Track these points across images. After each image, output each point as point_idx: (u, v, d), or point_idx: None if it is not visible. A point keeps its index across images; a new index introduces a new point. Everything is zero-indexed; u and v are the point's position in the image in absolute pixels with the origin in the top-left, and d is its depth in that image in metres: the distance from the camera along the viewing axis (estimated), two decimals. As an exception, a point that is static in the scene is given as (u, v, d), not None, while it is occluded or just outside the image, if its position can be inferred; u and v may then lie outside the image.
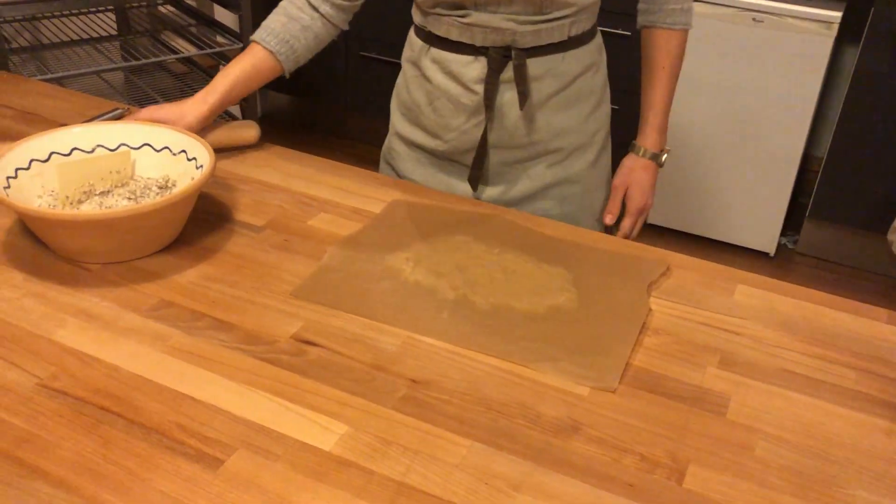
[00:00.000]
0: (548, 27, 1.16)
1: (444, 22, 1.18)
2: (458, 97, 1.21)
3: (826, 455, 0.80)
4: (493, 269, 1.03)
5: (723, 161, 2.66)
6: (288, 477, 0.74)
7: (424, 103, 1.26)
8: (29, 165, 1.06)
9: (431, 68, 1.23)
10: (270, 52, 1.22)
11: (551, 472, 0.76)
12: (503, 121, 1.21)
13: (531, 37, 1.16)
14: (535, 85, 1.19)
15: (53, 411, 0.79)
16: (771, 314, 1.00)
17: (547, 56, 1.18)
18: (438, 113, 1.24)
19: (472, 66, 1.18)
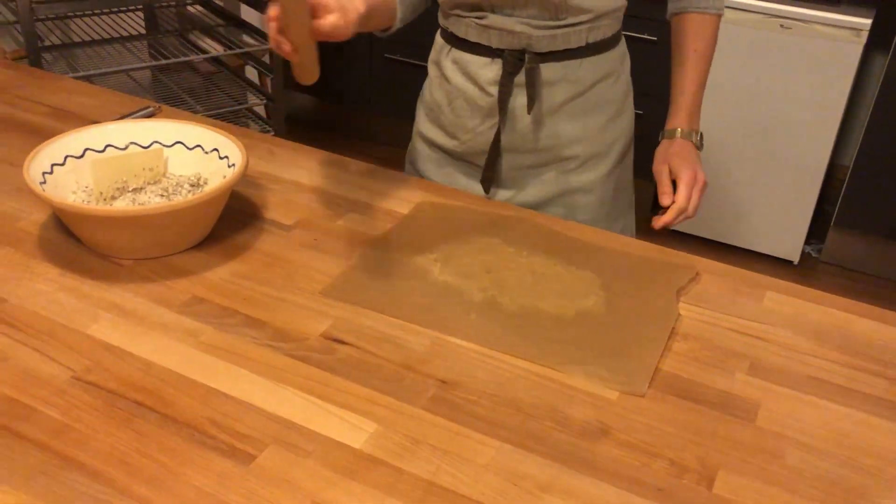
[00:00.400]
0: (564, 32, 1.15)
1: (464, 23, 1.19)
2: (474, 98, 1.21)
3: (857, 464, 0.80)
4: (522, 272, 1.03)
5: (748, 168, 2.64)
6: (319, 474, 0.74)
7: (444, 103, 1.26)
8: (64, 161, 1.08)
9: (451, 69, 1.24)
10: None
11: (580, 474, 0.76)
12: (515, 124, 1.21)
13: (547, 41, 1.15)
14: (548, 90, 1.18)
15: (88, 404, 0.80)
16: (800, 321, 0.99)
17: (562, 62, 1.17)
18: (456, 113, 1.25)
19: (488, 67, 1.19)
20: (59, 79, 1.56)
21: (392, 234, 1.10)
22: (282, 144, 1.34)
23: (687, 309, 1.00)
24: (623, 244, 1.12)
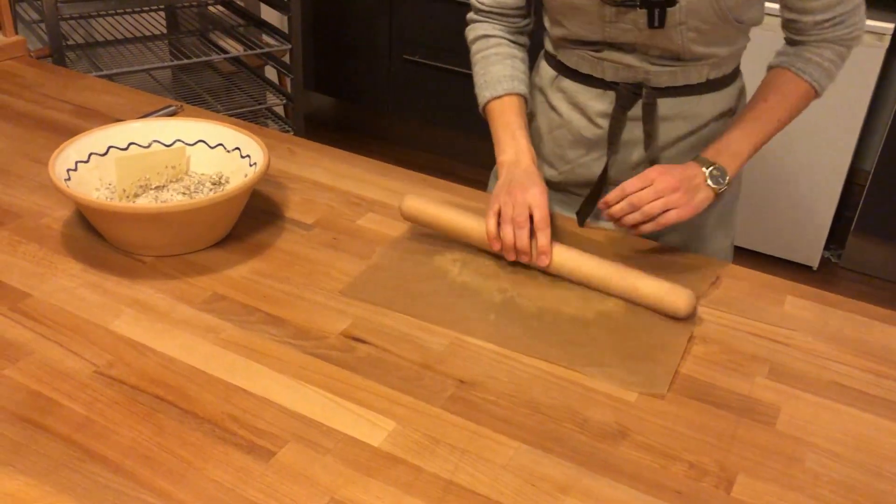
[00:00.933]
0: (684, 69, 1.10)
1: (576, 54, 1.14)
2: (581, 129, 1.17)
3: (878, 470, 0.79)
4: (541, 273, 1.03)
5: (768, 172, 2.63)
6: (338, 471, 0.75)
7: (545, 131, 1.23)
8: (88, 158, 1.09)
9: (557, 97, 1.20)
10: (523, 96, 1.15)
11: (599, 476, 0.76)
12: (626, 158, 1.16)
13: (666, 77, 1.10)
14: (664, 124, 1.14)
15: (110, 398, 0.81)
16: (821, 326, 0.99)
17: (681, 97, 1.12)
18: (557, 143, 1.21)
19: (599, 99, 1.15)
20: (83, 77, 1.57)
21: (411, 234, 1.10)
22: (302, 144, 1.34)
23: (707, 313, 1.00)
24: (645, 247, 1.12)
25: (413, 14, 3.00)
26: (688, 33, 1.04)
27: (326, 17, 3.22)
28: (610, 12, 1.05)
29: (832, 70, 1.10)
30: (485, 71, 1.17)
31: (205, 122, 1.17)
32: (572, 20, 1.10)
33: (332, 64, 3.31)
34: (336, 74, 3.32)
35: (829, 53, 1.09)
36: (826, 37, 1.08)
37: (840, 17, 1.06)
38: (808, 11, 1.06)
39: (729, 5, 1.02)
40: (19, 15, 2.33)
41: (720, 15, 1.03)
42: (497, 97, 1.14)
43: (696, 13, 1.02)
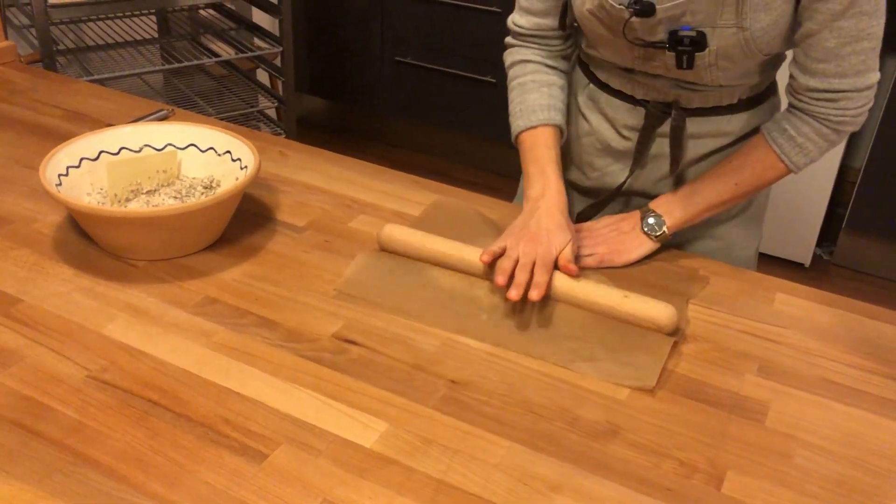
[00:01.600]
0: (716, 93, 1.08)
1: (607, 68, 1.13)
2: (609, 140, 1.16)
3: (867, 465, 0.80)
4: None
5: (758, 170, 2.64)
6: (330, 472, 0.75)
7: (574, 136, 1.21)
8: (79, 164, 1.09)
9: (587, 105, 1.18)
10: (559, 127, 1.13)
11: (590, 474, 0.77)
12: (652, 172, 1.16)
13: (698, 100, 1.09)
14: (693, 142, 1.12)
15: (103, 402, 0.81)
16: (811, 323, 0.99)
17: (710, 117, 1.10)
18: (585, 149, 1.20)
19: (629, 113, 1.13)
20: (74, 82, 1.58)
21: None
22: (293, 147, 1.35)
23: (697, 311, 1.00)
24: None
25: (405, 16, 3.00)
26: (718, 72, 1.03)
27: (319, 20, 3.23)
28: (639, 51, 1.04)
29: (808, 148, 1.03)
30: (521, 99, 1.14)
31: (195, 125, 1.17)
32: (603, 47, 1.10)
33: (326, 66, 3.31)
34: (329, 77, 3.33)
35: (808, 130, 1.03)
36: (811, 110, 1.02)
37: (835, 94, 0.99)
38: (807, 72, 1.00)
39: (759, 46, 0.99)
40: (9, 20, 2.34)
41: (750, 55, 1.00)
42: (531, 127, 1.11)
43: (727, 56, 1.00)
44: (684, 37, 0.98)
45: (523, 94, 1.14)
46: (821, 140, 1.03)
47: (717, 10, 0.96)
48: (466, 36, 2.88)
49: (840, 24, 0.94)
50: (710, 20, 0.97)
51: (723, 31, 0.98)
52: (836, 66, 0.97)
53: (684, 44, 0.99)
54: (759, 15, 0.96)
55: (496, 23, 2.79)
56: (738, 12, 0.96)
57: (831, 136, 1.03)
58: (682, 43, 0.99)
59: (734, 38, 0.98)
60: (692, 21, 0.98)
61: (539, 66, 1.15)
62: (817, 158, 1.05)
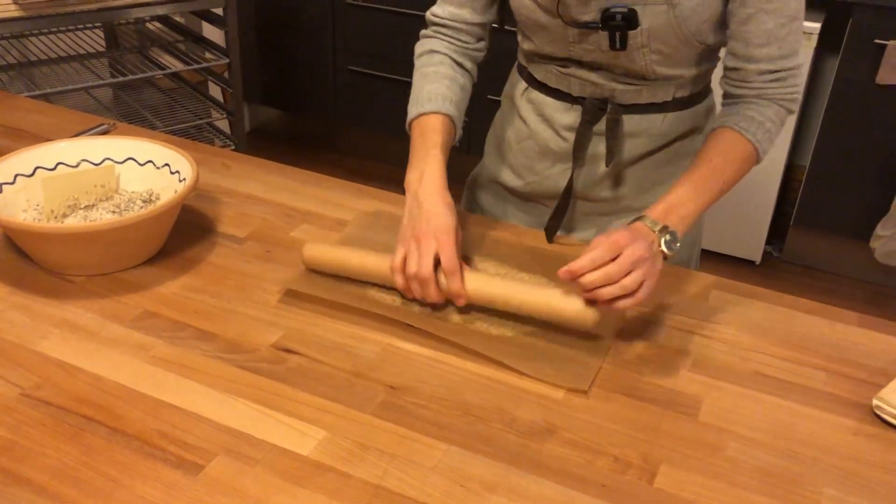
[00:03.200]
0: (650, 87, 1.10)
1: (544, 68, 1.15)
2: (547, 141, 1.18)
3: (795, 454, 0.82)
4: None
5: (707, 170, 2.68)
6: (266, 481, 0.75)
7: (513, 141, 1.23)
8: (14, 180, 1.08)
9: (526, 108, 1.20)
10: (452, 120, 1.11)
11: (526, 473, 0.78)
12: (590, 172, 1.16)
13: (631, 95, 1.10)
14: (629, 141, 1.14)
15: (36, 420, 0.81)
16: (744, 318, 1.02)
17: (646, 115, 1.12)
18: (525, 154, 1.21)
19: (566, 113, 1.15)
20: (14, 98, 1.56)
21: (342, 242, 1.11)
22: (236, 158, 1.34)
23: (633, 309, 1.02)
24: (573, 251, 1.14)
25: (356, 25, 3.01)
26: (651, 55, 1.05)
27: (270, 31, 3.22)
28: (573, 33, 1.06)
29: (773, 133, 1.06)
30: (419, 87, 1.13)
31: (133, 139, 1.16)
32: (539, 36, 1.11)
33: (278, 76, 3.30)
34: (282, 87, 3.32)
35: (771, 113, 1.05)
36: (768, 94, 1.04)
37: (783, 73, 1.03)
38: (752, 59, 1.03)
39: (691, 29, 1.01)
40: (-50, 36, 2.30)
41: (682, 38, 1.03)
42: (423, 114, 1.10)
43: (659, 36, 1.02)
44: (616, 12, 1.00)
45: (423, 83, 1.13)
46: (780, 123, 1.06)
47: None
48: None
49: (772, 6, 0.98)
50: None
51: (653, 9, 1.00)
52: (779, 47, 1.01)
53: (616, 20, 1.01)
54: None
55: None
56: None
57: (784, 116, 1.07)
58: (615, 19, 1.01)
59: (665, 17, 1.00)
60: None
61: (445, 59, 1.15)
62: (774, 140, 1.08)
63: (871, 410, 0.88)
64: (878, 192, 2.52)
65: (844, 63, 2.44)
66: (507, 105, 1.26)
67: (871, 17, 2.36)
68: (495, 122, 1.31)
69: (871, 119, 2.47)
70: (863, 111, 2.46)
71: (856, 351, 0.97)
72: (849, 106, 2.47)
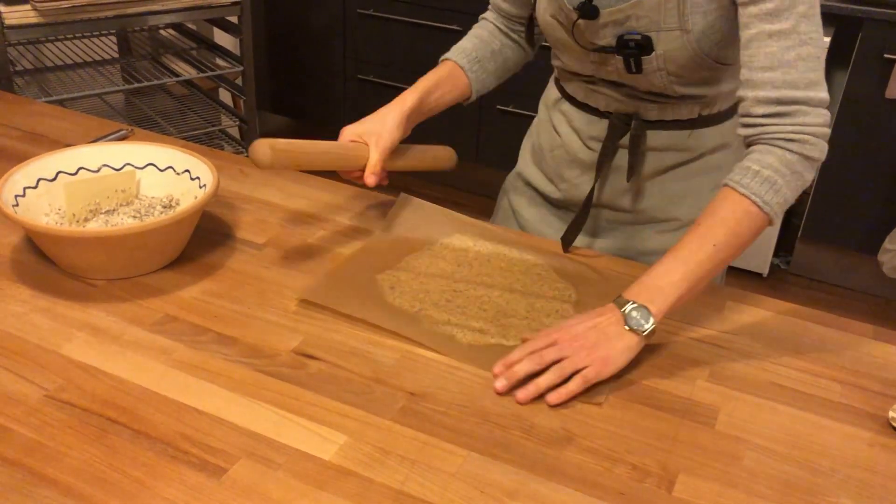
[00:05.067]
0: (674, 105, 1.11)
1: (574, 83, 1.19)
2: (576, 151, 1.21)
3: (812, 465, 0.82)
4: (482, 297, 1.04)
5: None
6: (289, 485, 0.76)
7: (547, 149, 1.26)
8: (37, 184, 1.09)
9: (558, 118, 1.24)
10: (462, 68, 1.22)
11: (545, 480, 0.78)
12: (615, 182, 1.19)
13: (656, 112, 1.12)
14: (654, 154, 1.15)
15: (61, 422, 0.81)
16: (759, 329, 1.02)
17: (671, 131, 1.14)
18: (556, 161, 1.25)
19: (593, 125, 1.18)
20: (32, 103, 1.57)
21: (354, 255, 1.11)
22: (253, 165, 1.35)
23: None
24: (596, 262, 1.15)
25: (366, 34, 3.03)
26: (668, 77, 1.06)
27: (281, 39, 3.24)
28: (594, 56, 1.09)
29: (777, 181, 0.92)
30: (458, 42, 1.25)
31: (154, 145, 1.18)
32: (565, 55, 1.15)
33: (288, 85, 3.32)
34: (292, 95, 3.34)
35: (772, 160, 0.93)
36: (769, 131, 0.94)
37: (787, 105, 0.93)
38: (753, 87, 0.94)
39: (706, 51, 1.02)
40: (-34, 42, 2.31)
41: (699, 60, 1.03)
42: (443, 60, 1.23)
43: (674, 59, 1.03)
44: (630, 40, 1.02)
45: (463, 40, 1.25)
46: (786, 170, 0.93)
47: (660, 14, 1.00)
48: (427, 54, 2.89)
49: (778, 28, 0.92)
50: (655, 24, 1.01)
51: (668, 35, 1.01)
52: (784, 73, 0.92)
53: (630, 47, 1.02)
54: (697, 18, 1.00)
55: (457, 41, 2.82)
56: (679, 15, 0.99)
57: (796, 164, 0.93)
58: (629, 47, 1.02)
59: (679, 42, 1.01)
60: (637, 25, 1.02)
61: (490, 27, 1.26)
62: (791, 197, 0.94)
63: (888, 422, 0.88)
64: (887, 205, 2.53)
65: (853, 78, 2.45)
66: (543, 113, 1.29)
67: (880, 32, 2.38)
68: (532, 128, 1.34)
69: (879, 133, 2.48)
70: (871, 125, 2.47)
71: (871, 363, 0.98)
72: (857, 120, 2.48)
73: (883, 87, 2.41)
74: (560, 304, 1.03)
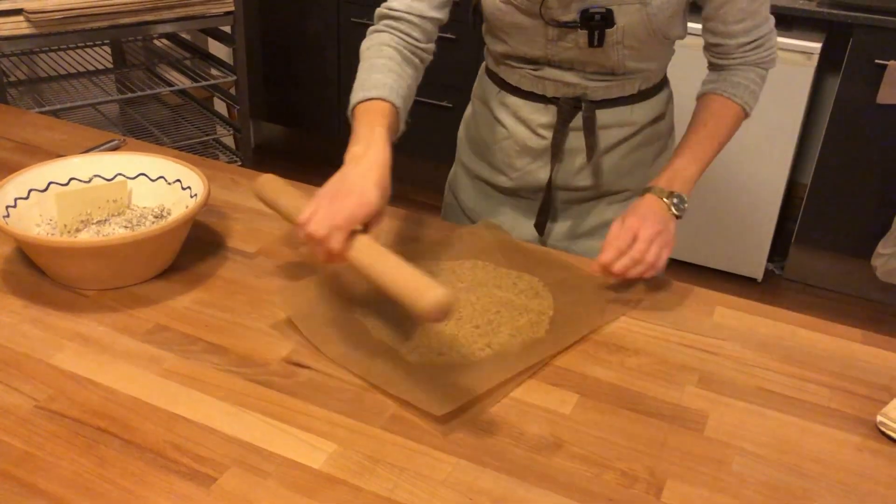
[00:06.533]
0: (618, 83, 1.18)
1: (517, 73, 1.21)
2: (526, 140, 1.24)
3: (800, 470, 0.83)
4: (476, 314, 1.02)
5: (710, 189, 2.70)
6: (278, 493, 0.76)
7: (491, 141, 1.29)
8: (28, 195, 1.10)
9: (501, 110, 1.26)
10: (396, 108, 1.07)
11: (534, 487, 0.79)
12: (569, 165, 1.24)
13: (602, 91, 1.18)
14: (603, 132, 1.22)
15: (51, 432, 0.82)
16: (748, 335, 1.03)
17: (616, 108, 1.21)
18: (505, 152, 1.27)
19: (541, 112, 1.21)
20: (25, 114, 1.57)
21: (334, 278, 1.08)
22: (245, 174, 1.36)
23: (638, 325, 1.03)
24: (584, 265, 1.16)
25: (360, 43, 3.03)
26: (623, 51, 1.13)
27: (275, 48, 3.25)
28: (553, 32, 1.13)
29: (756, 91, 1.20)
30: (367, 76, 1.08)
31: (146, 155, 1.18)
32: (515, 38, 1.17)
33: (283, 94, 3.33)
34: (287, 104, 3.34)
35: (753, 76, 1.19)
36: (748, 60, 1.18)
37: (759, 40, 1.16)
38: (731, 35, 1.16)
39: (658, 24, 1.11)
40: (-40, 53, 2.32)
41: (651, 33, 1.12)
42: (368, 99, 1.05)
43: (632, 33, 1.11)
44: (595, 13, 1.09)
45: (371, 72, 1.09)
46: (761, 81, 1.20)
47: None
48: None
49: None
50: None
51: (628, 8, 1.09)
52: (752, 19, 1.14)
53: (595, 20, 1.09)
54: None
55: (450, 49, 2.83)
56: None
57: (765, 75, 1.20)
58: (593, 19, 1.09)
59: (638, 15, 1.09)
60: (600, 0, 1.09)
61: (395, 54, 1.12)
62: (759, 95, 1.21)
63: (876, 427, 0.88)
64: (880, 210, 2.54)
65: (845, 83, 2.46)
66: (480, 107, 1.31)
67: (871, 37, 2.39)
68: (466, 122, 1.36)
69: (871, 138, 2.49)
70: (863, 130, 2.48)
71: (859, 368, 0.98)
72: (850, 125, 2.49)
73: (874, 92, 2.42)
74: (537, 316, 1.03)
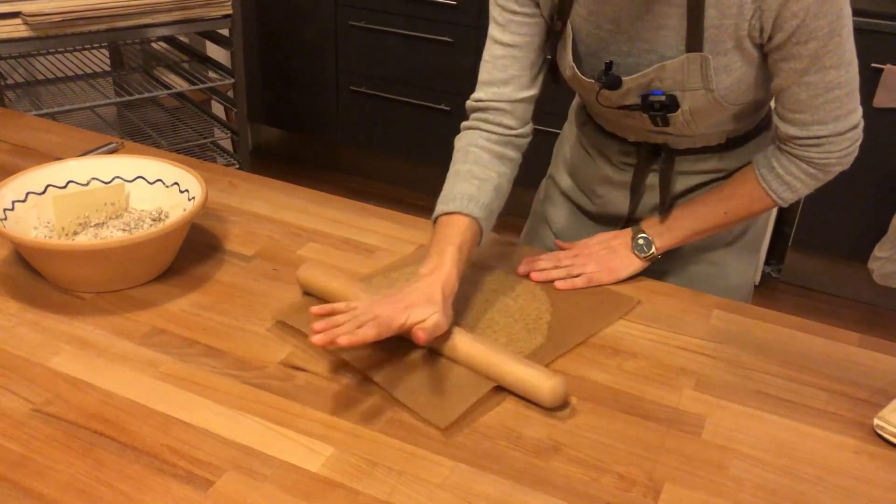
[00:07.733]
0: (703, 136, 1.11)
1: (600, 114, 1.17)
2: (608, 172, 1.21)
3: (797, 473, 0.83)
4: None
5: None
6: (276, 497, 0.76)
7: (580, 165, 1.27)
8: (25, 198, 1.09)
9: (587, 140, 1.24)
10: (476, 220, 1.02)
11: (532, 490, 0.79)
12: (651, 200, 1.19)
13: (686, 142, 1.13)
14: (684, 178, 1.16)
15: (48, 435, 0.81)
16: (745, 338, 1.03)
17: (700, 155, 1.14)
18: (589, 178, 1.25)
19: (623, 152, 1.18)
20: (22, 116, 1.57)
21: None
22: (242, 177, 1.36)
23: (637, 328, 1.03)
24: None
25: (358, 46, 3.04)
26: (695, 124, 1.06)
27: (273, 51, 3.25)
28: (620, 111, 1.08)
29: (796, 186, 1.06)
30: (451, 186, 1.05)
31: (143, 158, 1.18)
32: (589, 104, 1.16)
33: (281, 96, 3.33)
34: (284, 107, 3.34)
35: (795, 170, 1.05)
36: (798, 154, 1.04)
37: (816, 139, 1.02)
38: (785, 121, 1.03)
39: (730, 101, 1.02)
40: (-42, 55, 2.32)
41: (723, 109, 1.03)
42: (447, 213, 1.02)
43: (701, 112, 1.03)
44: (654, 101, 1.02)
45: (455, 182, 1.05)
46: (808, 178, 1.05)
47: (684, 75, 0.99)
48: (419, 65, 2.92)
49: (807, 80, 0.97)
50: (679, 84, 1.01)
51: (693, 94, 1.01)
52: (812, 115, 1.00)
53: (656, 108, 1.03)
54: (722, 77, 0.99)
55: (448, 52, 2.83)
56: (703, 76, 0.99)
57: (818, 175, 1.05)
58: (654, 107, 1.03)
59: (704, 99, 1.01)
60: (661, 86, 1.01)
61: (482, 155, 1.06)
62: (805, 193, 1.07)
63: (873, 430, 0.89)
64: (876, 213, 2.55)
65: (842, 86, 2.47)
66: (569, 128, 1.30)
67: (867, 41, 2.39)
68: (562, 138, 1.33)
69: (868, 141, 2.47)
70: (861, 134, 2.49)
71: (856, 371, 0.98)
72: (847, 129, 2.50)
73: (871, 95, 2.42)
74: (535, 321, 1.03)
